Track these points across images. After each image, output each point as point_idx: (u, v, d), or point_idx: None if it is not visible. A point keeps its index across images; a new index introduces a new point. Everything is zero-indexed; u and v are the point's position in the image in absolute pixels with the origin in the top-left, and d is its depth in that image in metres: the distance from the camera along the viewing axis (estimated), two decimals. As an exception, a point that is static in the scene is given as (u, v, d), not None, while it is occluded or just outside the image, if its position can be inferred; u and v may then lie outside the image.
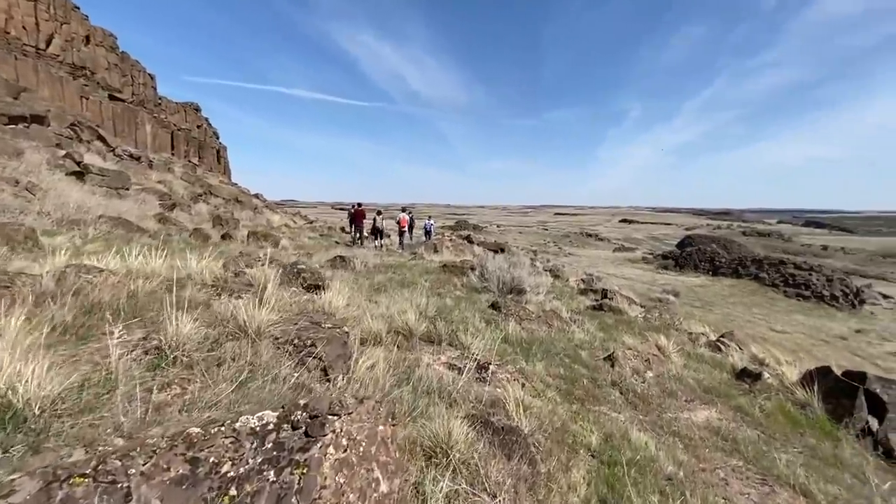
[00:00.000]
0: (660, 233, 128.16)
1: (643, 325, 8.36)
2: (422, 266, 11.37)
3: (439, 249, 17.02)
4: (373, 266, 10.32)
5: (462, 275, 10.01)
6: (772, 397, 4.70)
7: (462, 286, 9.19)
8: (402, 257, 13.59)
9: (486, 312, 6.48)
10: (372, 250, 15.29)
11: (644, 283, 42.85)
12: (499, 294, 8.91)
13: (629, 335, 7.15)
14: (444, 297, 7.60)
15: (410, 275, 9.77)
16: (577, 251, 72.61)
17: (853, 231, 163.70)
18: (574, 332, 6.13)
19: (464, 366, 3.93)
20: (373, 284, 7.71)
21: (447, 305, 6.79)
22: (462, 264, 10.68)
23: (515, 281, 9.18)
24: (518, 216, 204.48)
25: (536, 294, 9.29)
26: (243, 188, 46.31)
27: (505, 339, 5.32)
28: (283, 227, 20.22)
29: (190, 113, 58.09)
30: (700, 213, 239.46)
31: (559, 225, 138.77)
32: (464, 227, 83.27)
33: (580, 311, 8.92)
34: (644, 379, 4.78)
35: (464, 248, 21.79)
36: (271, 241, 13.08)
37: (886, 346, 25.52)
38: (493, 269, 9.36)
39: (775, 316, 32.37)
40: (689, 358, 6.44)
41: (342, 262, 9.44)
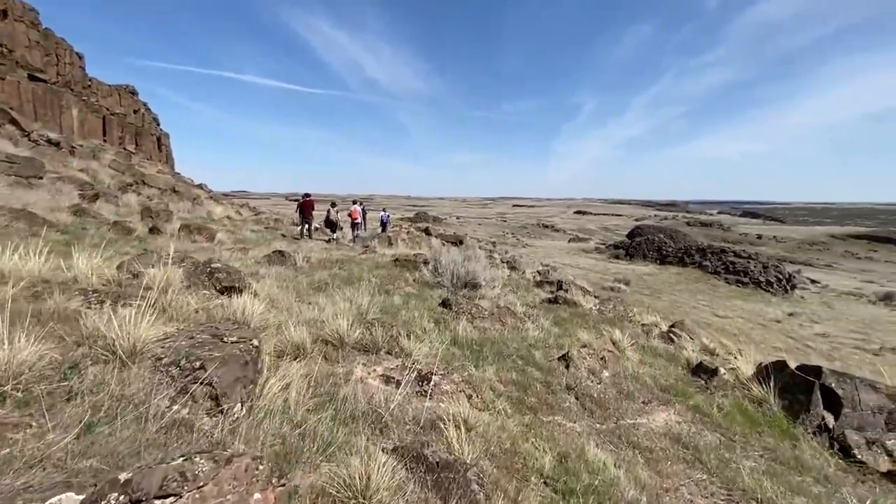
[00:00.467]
0: (611, 223, 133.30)
1: (598, 317, 8.20)
2: (372, 260, 10.72)
3: (394, 242, 16.37)
4: (317, 261, 9.56)
5: (415, 269, 9.47)
6: (729, 394, 4.54)
7: (414, 281, 8.66)
8: (352, 251, 12.85)
9: (436, 311, 5.99)
10: (321, 243, 14.40)
11: (597, 273, 44.07)
12: (453, 289, 8.46)
13: (584, 329, 6.91)
14: (393, 294, 7.04)
15: (358, 270, 9.12)
16: (534, 242, 73.87)
17: (783, 221, 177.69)
18: (528, 329, 5.77)
19: (403, 378, 3.41)
20: (312, 282, 7.02)
21: (395, 304, 6.24)
22: (415, 258, 10.14)
23: (470, 275, 8.76)
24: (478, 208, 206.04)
25: (492, 288, 8.93)
26: (186, 178, 43.19)
27: (454, 342, 4.85)
28: (224, 219, 18.76)
29: (125, 96, 53.35)
30: (648, 204, 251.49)
31: (517, 216, 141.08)
32: (423, 218, 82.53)
33: (535, 305, 8.64)
34: (600, 380, 4.47)
35: (421, 241, 21.24)
36: (206, 234, 11.92)
37: (815, 328, 27.58)
38: (447, 263, 8.90)
39: (717, 302, 34.21)
40: (644, 352, 6.27)
41: (281, 257, 8.62)
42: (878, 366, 20.16)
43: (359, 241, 15.15)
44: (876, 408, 4.06)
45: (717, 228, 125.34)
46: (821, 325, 28.40)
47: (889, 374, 15.01)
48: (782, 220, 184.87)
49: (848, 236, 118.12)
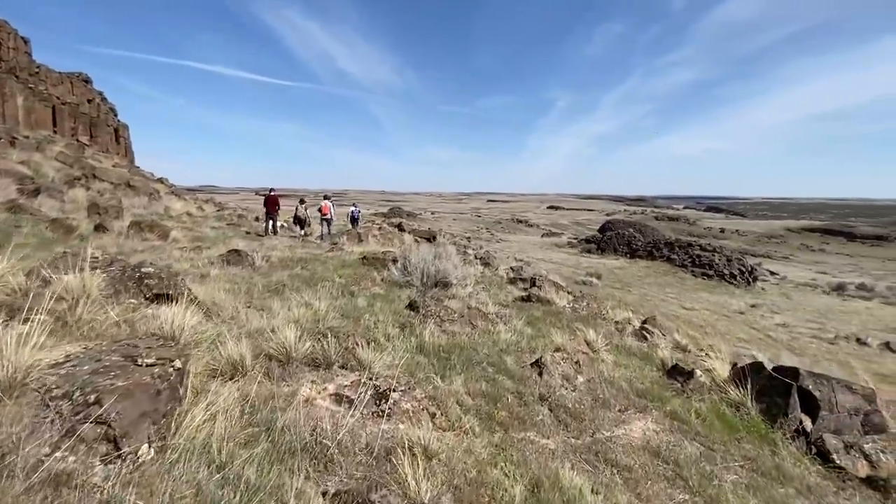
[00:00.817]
0: (583, 218, 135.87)
1: (571, 316, 8.01)
2: (339, 259, 10.22)
3: (365, 239, 15.85)
4: (278, 260, 8.99)
5: (383, 268, 9.05)
6: (706, 398, 4.37)
7: (382, 281, 8.24)
8: (319, 249, 12.28)
9: (403, 314, 5.61)
10: (287, 241, 13.73)
11: (570, 267, 44.62)
12: (422, 288, 8.09)
13: (557, 329, 6.68)
14: (358, 296, 6.61)
15: (323, 270, 8.62)
16: (508, 237, 74.28)
17: (745, 215, 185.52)
18: (500, 332, 5.47)
19: (358, 396, 3.03)
20: (269, 284, 6.50)
21: (358, 307, 5.82)
22: (384, 256, 9.70)
23: (441, 274, 8.41)
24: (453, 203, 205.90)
25: (463, 287, 8.61)
26: (145, 172, 41.02)
27: (420, 349, 4.49)
28: (183, 215, 17.72)
29: (78, 85, 49.98)
30: (618, 199, 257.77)
31: (492, 212, 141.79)
32: (398, 214, 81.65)
33: (508, 304, 8.38)
34: (575, 387, 4.21)
35: (393, 237, 20.74)
36: (159, 232, 11.10)
37: (776, 318, 28.70)
38: (417, 261, 8.51)
39: (685, 294, 35.18)
40: (619, 352, 6.09)
41: (237, 256, 8.03)
42: (837, 354, 21.07)
43: (327, 238, 14.55)
44: (852, 409, 3.96)
45: (684, 223, 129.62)
46: (781, 315, 29.60)
47: (854, 365, 15.56)
48: (743, 214, 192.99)
49: (803, 230, 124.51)
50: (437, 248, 9.56)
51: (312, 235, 16.12)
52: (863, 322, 29.58)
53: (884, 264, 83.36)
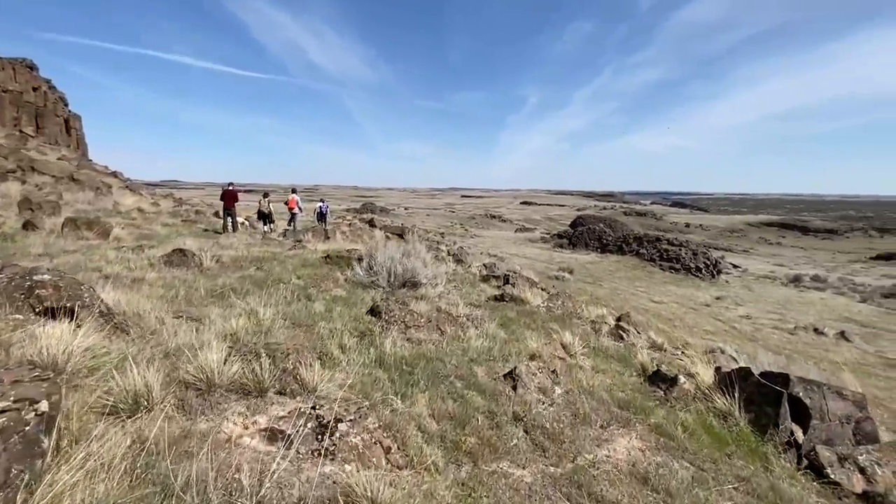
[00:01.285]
0: (555, 213, 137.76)
1: (546, 316, 7.65)
2: (301, 257, 9.53)
3: (332, 236, 15.11)
4: (231, 260, 8.24)
5: (348, 267, 8.44)
6: (691, 408, 4.04)
7: (345, 282, 7.64)
8: (281, 246, 11.50)
9: (363, 321, 5.06)
10: (247, 238, 12.84)
11: (542, 262, 44.88)
12: (389, 289, 7.55)
13: (532, 331, 6.29)
14: (316, 299, 6.01)
15: (281, 270, 7.94)
16: (482, 233, 74.29)
17: (707, 210, 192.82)
18: (470, 338, 5.01)
19: (297, 430, 2.49)
20: (213, 289, 5.82)
21: (314, 313, 5.23)
22: (349, 254, 9.08)
23: (409, 273, 7.88)
24: (426, 198, 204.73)
25: (434, 286, 8.12)
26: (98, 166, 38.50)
27: (380, 362, 3.97)
28: (133, 211, 16.42)
29: (21, 71, 46.22)
30: (589, 195, 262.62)
31: (466, 207, 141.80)
32: (370, 209, 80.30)
33: (481, 304, 7.94)
34: (552, 400, 3.80)
35: (363, 234, 20.02)
36: (98, 230, 10.06)
37: (740, 310, 29.64)
38: (383, 260, 7.95)
39: (653, 288, 35.92)
40: (596, 356, 5.75)
41: (182, 257, 7.25)
42: (797, 344, 21.76)
43: (291, 234, 13.73)
44: (843, 417, 3.71)
45: (651, 218, 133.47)
46: (744, 307, 30.60)
47: (813, 354, 15.89)
48: (706, 209, 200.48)
49: (761, 224, 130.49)
50: (405, 245, 9.02)
51: (276, 232, 15.24)
52: (818, 312, 30.96)
53: (834, 256, 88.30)
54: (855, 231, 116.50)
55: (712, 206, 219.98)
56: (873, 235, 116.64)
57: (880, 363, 19.96)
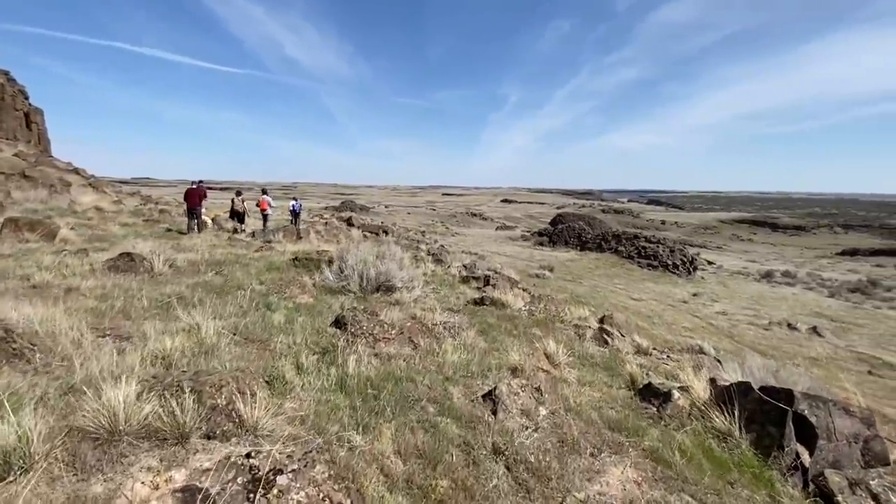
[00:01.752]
0: (535, 211, 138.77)
1: (528, 320, 7.26)
2: (267, 260, 8.89)
3: (305, 236, 14.44)
4: (188, 264, 7.57)
5: (317, 270, 7.87)
6: (687, 427, 3.68)
7: (313, 286, 7.08)
8: (248, 248, 10.80)
9: (326, 334, 4.54)
10: (212, 239, 12.06)
11: (523, 260, 44.87)
12: (361, 294, 7.03)
13: (514, 339, 5.89)
14: (277, 308, 5.45)
15: (243, 275, 7.32)
16: (463, 231, 74.00)
17: (682, 208, 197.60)
18: (447, 350, 4.54)
19: (224, 488, 1.98)
20: (158, 299, 5.19)
21: (271, 326, 4.68)
22: (319, 256, 8.51)
23: (383, 276, 7.38)
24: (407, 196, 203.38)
25: (410, 290, 7.63)
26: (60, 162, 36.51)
27: (341, 385, 3.47)
28: (90, 210, 15.35)
29: (-29, 61, 43.34)
30: (568, 193, 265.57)
31: (447, 205, 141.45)
32: (349, 207, 79.00)
33: (460, 309, 7.49)
34: (536, 424, 3.37)
35: (339, 233, 19.35)
36: (43, 231, 9.19)
37: (716, 306, 30.10)
38: (355, 262, 7.42)
39: (632, 285, 36.22)
40: (582, 364, 5.38)
41: (130, 262, 6.56)
42: (772, 339, 22.09)
43: (261, 235, 13.01)
44: (851, 436, 3.40)
45: (628, 215, 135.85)
46: (720, 303, 31.11)
47: (787, 350, 15.98)
48: (681, 207, 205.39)
49: (734, 221, 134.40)
50: (379, 246, 8.49)
51: (245, 232, 14.44)
52: (790, 307, 31.74)
53: (802, 252, 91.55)
54: (821, 228, 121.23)
55: (687, 204, 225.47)
56: (838, 232, 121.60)
57: (851, 357, 20.45)
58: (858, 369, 19.05)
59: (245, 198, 18.36)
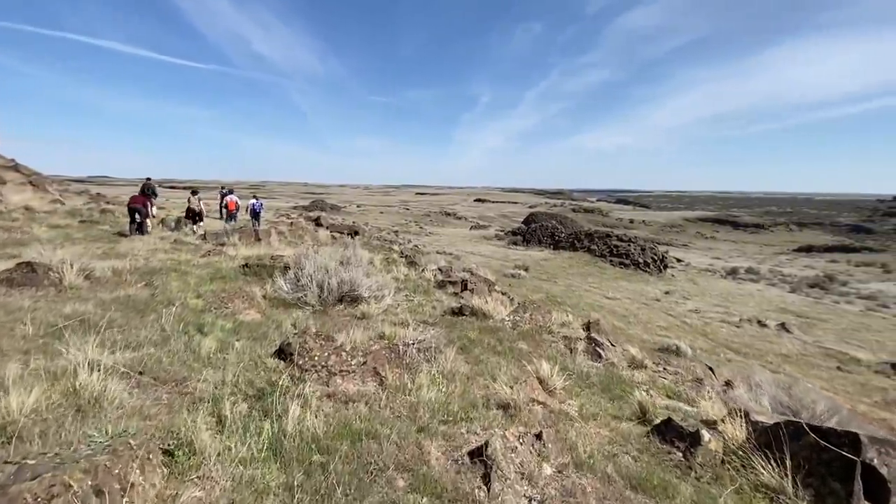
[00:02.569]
0: (509, 210, 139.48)
1: (513, 333, 6.45)
2: (214, 267, 7.74)
3: (265, 238, 13.19)
4: (113, 274, 6.35)
5: (270, 279, 6.81)
6: (726, 481, 2.92)
7: (264, 299, 6.03)
8: (195, 252, 9.55)
9: (267, 368, 3.56)
10: (156, 242, 10.70)
11: (498, 260, 44.43)
12: (321, 307, 6.03)
13: (500, 359, 5.06)
14: (211, 331, 4.40)
15: (180, 285, 6.19)
16: (437, 230, 73.11)
17: (649, 207, 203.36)
18: (421, 385, 3.64)
19: None
20: (53, 323, 4.06)
21: (200, 355, 3.66)
22: (274, 262, 7.43)
23: (347, 285, 6.40)
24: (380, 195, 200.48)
25: (379, 300, 6.69)
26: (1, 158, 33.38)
27: (276, 451, 2.51)
28: (17, 211, 13.56)
29: None
30: (540, 192, 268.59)
31: (420, 204, 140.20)
32: (319, 207, 76.68)
33: (436, 320, 6.60)
34: (542, 494, 2.53)
35: (304, 234, 18.09)
36: (-62, 235, 7.71)
37: (688, 304, 30.41)
38: (314, 269, 6.41)
39: (606, 284, 36.31)
40: (579, 388, 4.60)
41: (30, 274, 5.33)
42: (744, 337, 22.25)
43: (212, 237, 11.70)
44: (929, 489, 2.71)
45: (598, 214, 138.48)
46: (691, 301, 31.47)
47: (759, 347, 15.78)
48: (648, 206, 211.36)
49: (698, 219, 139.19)
50: (344, 250, 7.48)
51: (198, 234, 13.01)
52: (758, 304, 32.49)
53: (761, 249, 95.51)
54: (778, 225, 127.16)
55: (653, 203, 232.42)
56: (793, 229, 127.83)
57: (819, 353, 20.82)
58: (828, 365, 19.34)
59: (202, 197, 17.24)
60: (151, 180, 16.30)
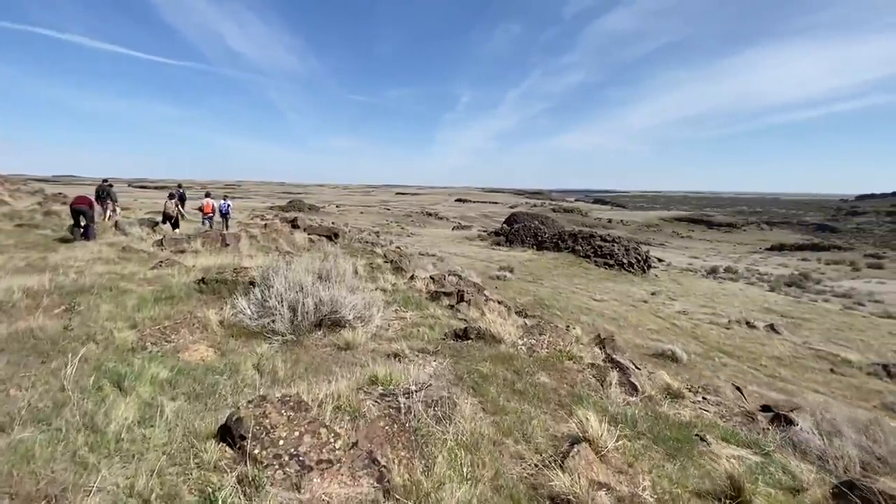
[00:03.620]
0: (489, 210, 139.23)
1: (530, 361, 5.36)
2: (164, 281, 6.37)
3: (234, 242, 11.75)
4: (25, 294, 4.94)
5: (231, 297, 5.52)
6: None
7: (220, 326, 4.75)
8: (145, 262, 8.11)
9: (203, 462, 2.34)
10: (100, 249, 9.17)
11: (482, 261, 43.51)
12: (294, 335, 4.79)
13: (525, 405, 3.95)
14: (133, 387, 3.13)
15: (111, 310, 4.83)
16: (419, 231, 71.77)
17: (626, 206, 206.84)
18: (441, 477, 2.48)
19: None
20: None
21: (104, 437, 2.41)
22: (237, 276, 6.13)
23: (326, 307, 5.18)
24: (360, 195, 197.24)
25: (366, 322, 5.49)
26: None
27: None
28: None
29: None
30: (519, 192, 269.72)
31: (401, 204, 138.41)
32: (297, 207, 74.20)
33: (436, 347, 5.43)
34: None
35: (279, 238, 16.61)
36: None
37: (675, 305, 30.07)
38: (285, 288, 5.16)
39: (592, 285, 35.81)
40: (629, 438, 3.53)
41: None
42: (734, 339, 21.81)
43: (170, 243, 10.20)
44: None
45: (578, 214, 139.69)
46: (678, 302, 31.17)
47: (752, 350, 15.07)
48: (625, 206, 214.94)
49: (673, 219, 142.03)
50: (323, 261, 6.24)
51: (149, 240, 11.43)
52: (742, 304, 32.47)
53: (735, 248, 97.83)
54: (750, 224, 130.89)
55: (630, 203, 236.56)
56: (764, 228, 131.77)
57: (811, 355, 20.54)
58: (821, 367, 19.03)
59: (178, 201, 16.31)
60: (109, 182, 14.63)
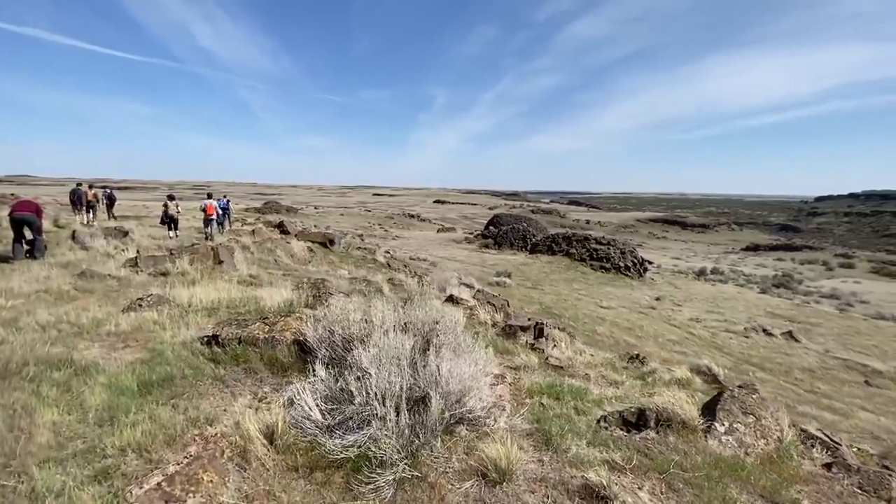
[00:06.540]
0: (469, 212, 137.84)
1: (766, 480, 3.40)
2: (147, 342, 4.07)
3: (226, 257, 9.30)
4: None
5: (271, 373, 3.32)
6: None
7: (270, 447, 2.57)
8: (116, 296, 5.72)
9: None
10: (48, 273, 6.69)
11: (476, 265, 41.61)
12: (408, 459, 2.65)
13: None
14: None
15: (58, 424, 2.56)
16: (403, 233, 69.27)
17: (600, 208, 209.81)
18: None
19: None
20: None
21: None
22: (268, 327, 3.92)
23: (452, 397, 3.05)
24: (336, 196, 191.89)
25: (495, 420, 3.39)
26: None
27: None
28: None
29: None
30: (496, 194, 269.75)
31: (380, 206, 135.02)
32: (275, 209, 70.26)
33: (627, 461, 3.41)
34: None
35: (275, 248, 14.12)
36: None
37: (684, 311, 29.00)
38: (379, 361, 3.00)
39: (593, 290, 34.49)
40: None
41: None
42: (759, 350, 20.63)
43: (147, 263, 7.72)
44: None
45: (556, 216, 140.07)
46: (685, 308, 30.15)
47: (780, 362, 13.39)
48: (599, 207, 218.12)
49: (648, 220, 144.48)
50: (406, 293, 4.02)
51: (118, 257, 8.85)
52: (746, 308, 31.84)
53: (710, 248, 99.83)
54: (721, 225, 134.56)
55: (603, 204, 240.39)
56: (735, 229, 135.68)
57: (839, 365, 19.62)
58: (854, 380, 18.05)
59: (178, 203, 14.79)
60: (84, 187, 11.86)
